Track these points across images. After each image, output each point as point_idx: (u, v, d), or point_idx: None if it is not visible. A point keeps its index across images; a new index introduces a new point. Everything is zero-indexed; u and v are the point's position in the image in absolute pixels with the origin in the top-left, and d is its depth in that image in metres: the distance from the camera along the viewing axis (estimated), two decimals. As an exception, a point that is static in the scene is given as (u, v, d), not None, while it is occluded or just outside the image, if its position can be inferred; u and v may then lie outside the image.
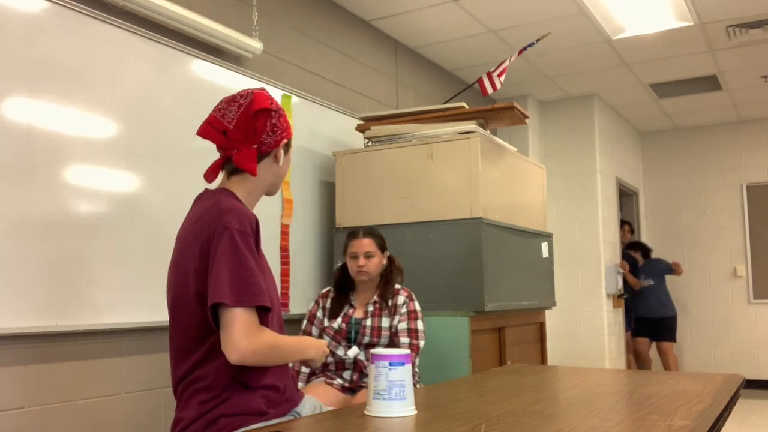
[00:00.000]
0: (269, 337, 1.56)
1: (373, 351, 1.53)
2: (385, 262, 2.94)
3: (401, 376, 1.50)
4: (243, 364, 1.52)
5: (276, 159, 1.73)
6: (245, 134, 1.67)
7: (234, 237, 1.54)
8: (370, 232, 2.95)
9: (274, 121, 1.69)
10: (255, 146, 1.67)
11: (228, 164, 1.72)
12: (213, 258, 1.53)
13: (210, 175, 1.73)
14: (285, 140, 1.72)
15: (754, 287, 7.13)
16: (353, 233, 2.95)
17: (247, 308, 1.51)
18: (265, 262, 1.70)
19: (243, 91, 1.72)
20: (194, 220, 1.64)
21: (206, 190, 1.74)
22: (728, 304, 7.25)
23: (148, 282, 2.70)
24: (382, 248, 2.94)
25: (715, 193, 7.40)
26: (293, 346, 1.66)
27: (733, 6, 4.29)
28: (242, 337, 1.49)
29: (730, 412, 1.68)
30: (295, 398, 1.74)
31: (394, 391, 1.49)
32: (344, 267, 2.97)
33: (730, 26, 4.62)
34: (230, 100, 1.71)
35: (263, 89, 1.73)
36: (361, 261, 2.86)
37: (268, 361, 1.58)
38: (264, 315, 1.58)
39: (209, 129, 1.70)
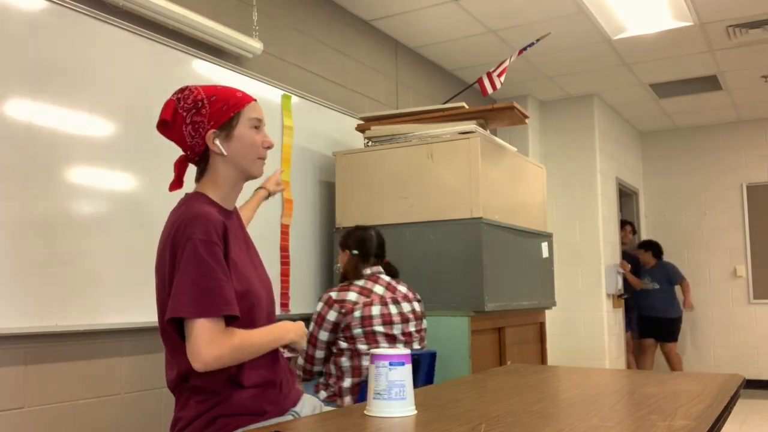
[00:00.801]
0: (235, 338, 1.53)
1: (373, 351, 1.53)
2: (346, 259, 2.90)
3: (401, 376, 1.50)
4: (209, 369, 1.50)
5: (216, 151, 1.63)
6: (179, 145, 1.67)
7: (197, 247, 1.51)
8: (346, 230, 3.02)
9: (190, 120, 1.61)
10: (188, 153, 1.65)
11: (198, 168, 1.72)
12: (178, 269, 1.52)
13: (173, 187, 1.73)
14: (212, 131, 1.61)
15: (754, 287, 7.13)
16: None
17: (210, 318, 1.49)
18: (248, 260, 1.68)
19: None
20: (169, 225, 1.61)
21: (186, 193, 1.72)
22: (728, 304, 7.25)
23: (148, 282, 2.67)
24: (342, 246, 2.92)
25: (715, 193, 7.40)
26: (267, 335, 1.61)
27: (733, 6, 4.29)
28: (204, 345, 1.48)
29: (730, 412, 1.68)
30: (294, 396, 1.74)
31: (394, 391, 1.49)
32: None
33: (730, 26, 4.62)
34: None
35: (182, 90, 1.65)
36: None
37: (240, 359, 1.55)
38: (232, 322, 1.55)
39: None
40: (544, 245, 3.96)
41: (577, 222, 6.25)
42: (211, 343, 1.48)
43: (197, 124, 1.61)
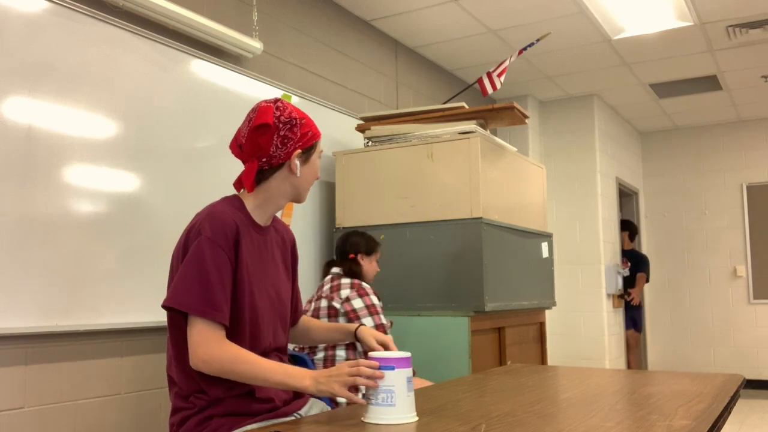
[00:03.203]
0: (228, 353, 1.52)
1: (371, 353, 1.52)
2: None
3: (389, 382, 1.42)
4: (201, 371, 1.53)
5: (291, 170, 1.69)
6: (252, 149, 1.67)
7: (202, 245, 1.55)
8: None
9: (283, 133, 1.65)
10: (264, 160, 1.66)
11: None
12: (185, 260, 1.56)
13: (236, 185, 1.74)
14: (299, 150, 1.68)
15: (754, 287, 7.13)
16: (378, 242, 3.08)
17: (204, 318, 1.52)
18: (262, 273, 1.69)
19: (258, 103, 1.71)
20: (194, 217, 1.67)
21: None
22: (728, 304, 7.25)
23: (148, 282, 2.70)
24: None
25: (715, 193, 7.40)
26: (273, 373, 1.52)
27: (733, 6, 4.29)
28: (196, 346, 1.51)
29: (730, 412, 1.68)
30: (300, 401, 1.73)
31: (381, 396, 1.42)
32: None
33: (730, 26, 4.62)
34: (248, 113, 1.71)
35: (276, 100, 1.70)
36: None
37: (231, 376, 1.53)
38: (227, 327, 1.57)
39: (233, 142, 1.72)
40: (544, 245, 3.96)
41: (577, 222, 6.25)
42: (201, 346, 1.51)
43: (287, 139, 1.66)
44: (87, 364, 2.55)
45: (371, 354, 1.50)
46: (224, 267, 1.56)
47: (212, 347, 1.51)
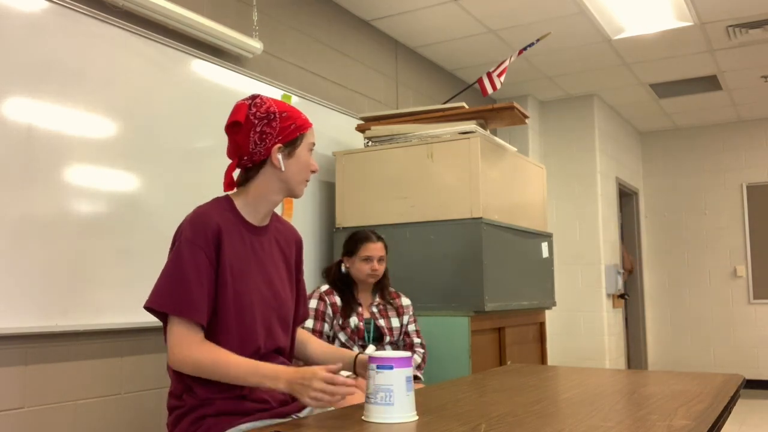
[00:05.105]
0: (205, 353, 1.53)
1: (371, 353, 1.52)
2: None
3: (388, 381, 1.43)
4: (179, 370, 1.56)
5: (274, 165, 1.66)
6: (232, 148, 1.68)
7: (182, 246, 1.57)
8: (380, 236, 2.97)
9: (259, 129, 1.63)
10: (245, 158, 1.66)
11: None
12: (166, 263, 1.60)
13: (226, 187, 1.74)
14: (279, 145, 1.65)
15: (754, 287, 7.13)
16: (366, 236, 2.92)
17: (181, 318, 1.54)
18: (252, 270, 1.67)
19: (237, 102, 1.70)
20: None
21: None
22: (728, 304, 7.25)
23: (148, 282, 2.67)
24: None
25: (715, 193, 7.40)
26: (246, 371, 1.53)
27: (733, 6, 4.29)
28: (173, 345, 1.54)
29: (730, 412, 1.68)
30: (299, 404, 1.72)
31: (380, 395, 1.43)
32: (339, 266, 2.97)
33: (730, 26, 4.62)
34: None
35: (253, 97, 1.68)
36: (375, 265, 2.88)
37: (204, 375, 1.55)
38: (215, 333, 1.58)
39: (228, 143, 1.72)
40: (544, 245, 3.96)
41: (577, 222, 6.25)
42: (178, 345, 1.54)
43: (265, 134, 1.64)
44: (87, 364, 2.55)
45: (371, 354, 1.51)
46: (203, 267, 1.57)
47: (189, 348, 1.53)
